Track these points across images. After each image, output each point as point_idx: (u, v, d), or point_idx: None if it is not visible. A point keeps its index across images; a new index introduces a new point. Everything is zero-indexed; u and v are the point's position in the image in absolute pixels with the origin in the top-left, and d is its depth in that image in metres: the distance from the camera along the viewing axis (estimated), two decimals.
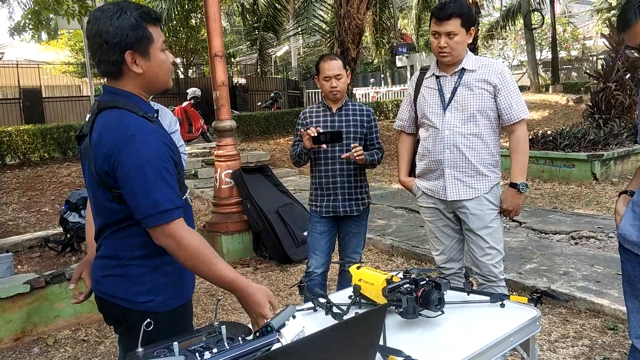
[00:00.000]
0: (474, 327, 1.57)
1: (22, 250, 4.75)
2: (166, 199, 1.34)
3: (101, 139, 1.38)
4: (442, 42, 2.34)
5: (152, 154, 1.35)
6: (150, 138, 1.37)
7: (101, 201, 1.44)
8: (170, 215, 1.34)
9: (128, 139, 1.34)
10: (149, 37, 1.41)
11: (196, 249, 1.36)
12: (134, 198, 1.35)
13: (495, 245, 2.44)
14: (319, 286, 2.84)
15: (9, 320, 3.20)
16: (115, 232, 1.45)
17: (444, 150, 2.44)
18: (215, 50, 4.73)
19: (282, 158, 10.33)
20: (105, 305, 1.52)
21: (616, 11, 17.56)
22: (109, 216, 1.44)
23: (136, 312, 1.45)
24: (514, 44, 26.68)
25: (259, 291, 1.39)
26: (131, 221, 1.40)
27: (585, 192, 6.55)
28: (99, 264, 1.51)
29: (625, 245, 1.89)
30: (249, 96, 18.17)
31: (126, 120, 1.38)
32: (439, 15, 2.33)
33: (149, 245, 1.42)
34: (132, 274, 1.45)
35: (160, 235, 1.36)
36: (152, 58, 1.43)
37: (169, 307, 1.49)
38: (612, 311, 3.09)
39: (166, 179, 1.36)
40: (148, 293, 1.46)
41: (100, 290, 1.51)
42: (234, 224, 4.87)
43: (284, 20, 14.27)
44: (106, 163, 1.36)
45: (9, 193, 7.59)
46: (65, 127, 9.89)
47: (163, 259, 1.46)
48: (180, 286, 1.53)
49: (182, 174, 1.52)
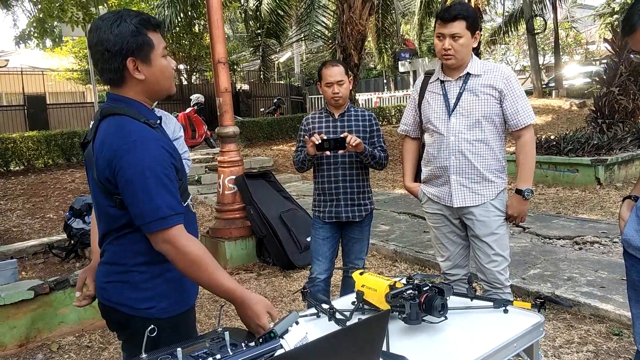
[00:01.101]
0: (477, 333, 1.57)
1: (26, 256, 4.77)
2: (166, 205, 1.35)
3: (103, 146, 1.39)
4: (446, 44, 2.31)
5: (152, 160, 1.35)
6: (152, 144, 1.37)
7: (103, 207, 1.45)
8: (169, 221, 1.35)
9: (129, 146, 1.35)
10: (149, 43, 1.43)
11: (195, 256, 1.36)
12: (134, 204, 1.35)
13: (501, 252, 2.43)
14: (322, 292, 2.83)
15: (14, 326, 3.21)
16: (117, 239, 1.46)
17: (449, 157, 2.42)
18: (219, 57, 4.75)
19: (285, 164, 10.35)
20: (109, 311, 1.52)
21: (619, 16, 17.55)
22: (111, 222, 1.45)
23: (139, 318, 1.45)
24: (517, 49, 26.70)
25: (257, 302, 1.39)
26: (133, 227, 1.41)
27: (589, 197, 6.53)
28: (103, 270, 1.52)
29: (629, 250, 1.88)
30: (252, 102, 18.24)
31: (128, 127, 1.39)
32: (444, 17, 2.31)
33: (151, 251, 1.42)
34: (134, 281, 1.46)
35: (159, 241, 1.36)
36: (154, 64, 1.45)
37: (171, 314, 1.49)
38: (617, 317, 3.07)
39: (166, 185, 1.36)
40: (150, 300, 1.46)
41: (104, 296, 1.52)
42: (237, 230, 4.87)
43: (286, 26, 14.34)
44: (108, 169, 1.37)
45: (13, 199, 7.63)
46: (70, 133, 9.95)
47: (165, 266, 1.46)
48: (182, 293, 1.53)
49: (185, 180, 1.53)
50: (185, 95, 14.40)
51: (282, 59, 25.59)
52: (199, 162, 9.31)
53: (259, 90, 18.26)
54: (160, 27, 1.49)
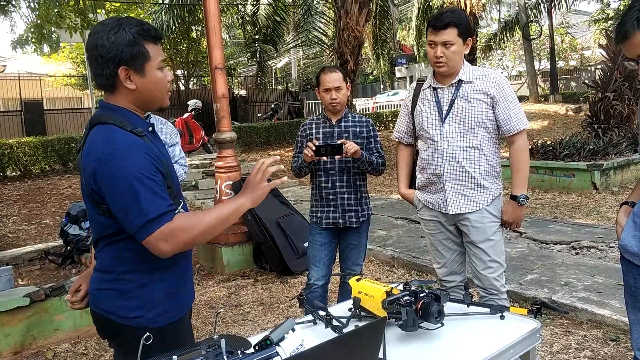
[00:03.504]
0: (474, 340, 1.56)
1: (22, 263, 4.75)
2: (153, 208, 1.33)
3: (88, 155, 1.39)
4: (438, 52, 2.32)
5: (133, 167, 1.34)
6: (133, 152, 1.36)
7: (93, 215, 1.45)
8: (159, 221, 1.33)
9: (109, 155, 1.34)
10: (145, 54, 1.42)
11: (195, 230, 1.37)
12: (122, 213, 1.35)
13: (496, 259, 2.42)
14: (320, 298, 2.83)
15: (8, 333, 3.19)
16: (107, 246, 1.46)
17: (443, 164, 2.42)
18: (216, 62, 4.76)
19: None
20: (99, 319, 1.51)
21: (613, 22, 17.69)
22: (100, 230, 1.45)
23: (128, 327, 1.44)
24: (513, 54, 26.85)
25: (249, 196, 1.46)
26: (122, 235, 1.41)
27: (586, 202, 6.55)
28: (95, 277, 1.52)
29: (626, 256, 1.89)
30: (250, 107, 18.27)
31: (112, 136, 1.38)
32: (436, 25, 2.31)
33: (140, 260, 1.42)
34: (123, 289, 1.45)
35: (155, 243, 1.34)
36: (147, 75, 1.44)
37: (160, 324, 1.47)
38: (613, 322, 3.07)
39: (151, 187, 1.35)
40: (139, 308, 1.45)
41: (95, 303, 1.51)
42: (234, 235, 4.86)
43: (283, 32, 14.39)
44: (92, 179, 1.37)
45: (9, 205, 7.60)
46: (67, 139, 9.93)
47: (154, 276, 1.46)
48: (172, 304, 1.51)
49: (176, 187, 1.52)
50: (183, 101, 14.41)
51: (279, 65, 25.67)
52: (196, 167, 9.31)
53: (256, 96, 18.30)
54: (160, 39, 1.48)
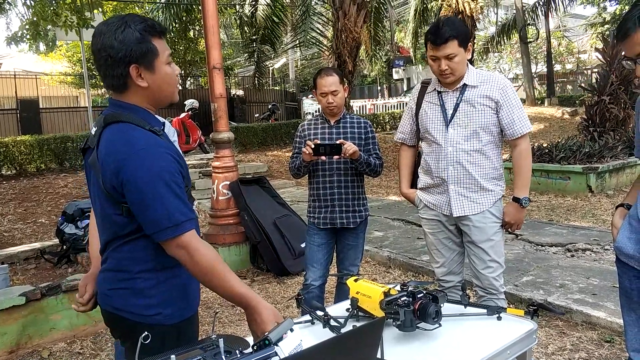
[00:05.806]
0: (471, 340, 1.57)
1: (17, 261, 4.73)
2: (178, 212, 1.34)
3: (109, 154, 1.37)
4: (442, 66, 2.32)
5: (161, 168, 1.34)
6: (159, 152, 1.36)
7: (109, 215, 1.43)
8: (183, 227, 1.34)
9: (136, 154, 1.34)
10: (153, 50, 1.41)
11: (209, 261, 1.36)
12: (144, 213, 1.34)
13: (496, 259, 2.45)
14: (317, 299, 2.83)
15: (4, 332, 3.17)
16: (122, 245, 1.45)
17: (447, 167, 2.44)
18: (214, 62, 4.76)
19: (280, 169, 10.34)
20: (113, 319, 1.50)
21: (610, 25, 17.79)
22: (117, 230, 1.44)
23: (144, 325, 1.43)
24: (510, 57, 26.93)
25: (267, 310, 1.38)
26: (138, 234, 1.41)
27: (581, 205, 6.58)
28: (106, 277, 1.50)
29: (621, 258, 1.90)
30: (247, 108, 18.25)
31: (133, 135, 1.37)
32: (435, 41, 2.30)
33: (156, 258, 1.42)
34: (140, 287, 1.44)
35: (173, 247, 1.36)
36: (158, 71, 1.43)
37: (177, 320, 1.48)
38: (608, 324, 3.09)
39: (176, 192, 1.36)
40: (156, 306, 1.45)
41: (108, 303, 1.50)
42: (231, 236, 4.86)
43: (281, 33, 14.38)
44: (114, 178, 1.36)
45: (5, 204, 7.57)
46: (62, 137, 9.89)
47: (171, 272, 1.46)
48: (187, 299, 1.52)
49: (189, 185, 1.53)
50: (180, 100, 14.37)
51: (277, 65, 25.66)
52: (192, 167, 9.29)
53: (253, 96, 18.28)
54: (165, 33, 1.47)
